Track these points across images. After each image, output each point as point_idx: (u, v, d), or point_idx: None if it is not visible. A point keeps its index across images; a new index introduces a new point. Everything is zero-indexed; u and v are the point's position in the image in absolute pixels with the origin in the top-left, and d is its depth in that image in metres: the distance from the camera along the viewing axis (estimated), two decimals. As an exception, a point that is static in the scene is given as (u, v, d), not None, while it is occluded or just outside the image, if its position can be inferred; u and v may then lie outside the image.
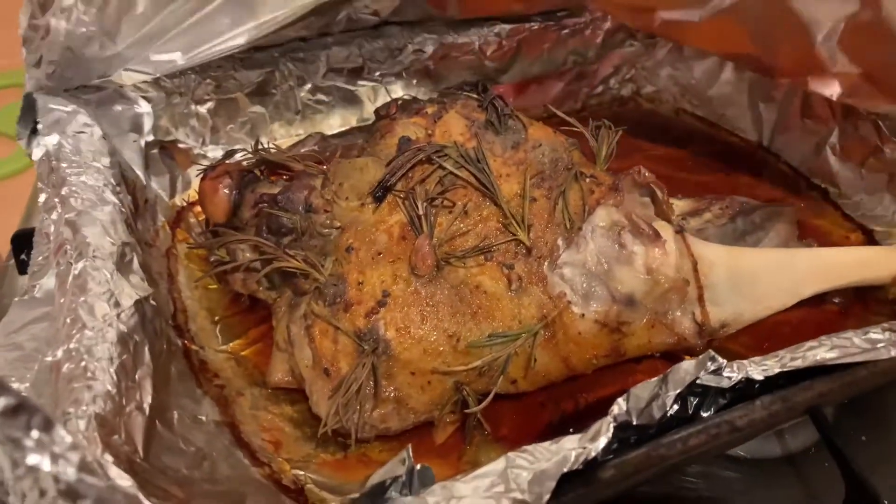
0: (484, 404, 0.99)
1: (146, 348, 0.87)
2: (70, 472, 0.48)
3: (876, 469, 1.16)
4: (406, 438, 1.06)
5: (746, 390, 0.87)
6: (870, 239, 1.37)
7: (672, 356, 1.13)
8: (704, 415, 0.86)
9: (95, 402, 0.71)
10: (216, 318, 1.23)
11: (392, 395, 0.99)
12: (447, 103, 1.16)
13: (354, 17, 1.38)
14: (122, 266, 0.93)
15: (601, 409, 1.08)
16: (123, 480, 0.60)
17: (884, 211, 1.37)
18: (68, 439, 0.48)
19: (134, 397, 0.79)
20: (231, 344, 1.19)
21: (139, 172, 1.27)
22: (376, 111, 1.19)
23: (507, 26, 1.53)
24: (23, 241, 1.16)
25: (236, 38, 1.24)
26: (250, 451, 1.00)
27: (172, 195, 1.38)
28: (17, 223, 1.59)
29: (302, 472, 1.00)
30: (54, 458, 0.48)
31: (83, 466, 0.50)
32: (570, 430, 0.87)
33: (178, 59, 1.25)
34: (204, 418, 0.99)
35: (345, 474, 1.02)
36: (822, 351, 0.88)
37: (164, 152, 1.37)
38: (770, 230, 1.22)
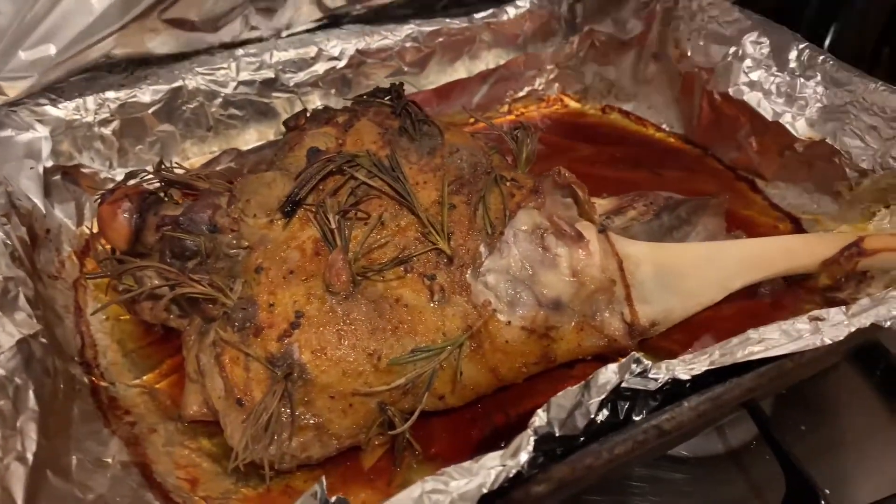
0: (409, 423, 0.94)
1: (30, 392, 0.80)
2: None
3: (816, 458, 1.16)
4: (332, 465, 1.01)
5: (677, 390, 0.84)
6: (798, 227, 1.37)
7: (605, 359, 1.10)
8: (637, 418, 0.83)
9: (-40, 457, 0.64)
10: (129, 350, 1.16)
11: (311, 421, 0.93)
12: (359, 111, 1.11)
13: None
14: (5, 303, 0.86)
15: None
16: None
17: (808, 199, 1.37)
18: None
19: (14, 447, 0.72)
20: (145, 377, 1.12)
21: (37, 201, 1.19)
22: (285, 122, 1.14)
23: (425, 30, 1.49)
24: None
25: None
26: (163, 491, 0.93)
27: (80, 223, 1.30)
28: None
29: (220, 510, 0.94)
30: None
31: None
32: (503, 443, 0.83)
33: (52, 52, 1.17)
34: (110, 460, 0.92)
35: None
36: (749, 345, 0.86)
37: (68, 178, 1.29)
38: (697, 224, 1.20)
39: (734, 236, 1.21)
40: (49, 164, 1.25)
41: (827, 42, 1.77)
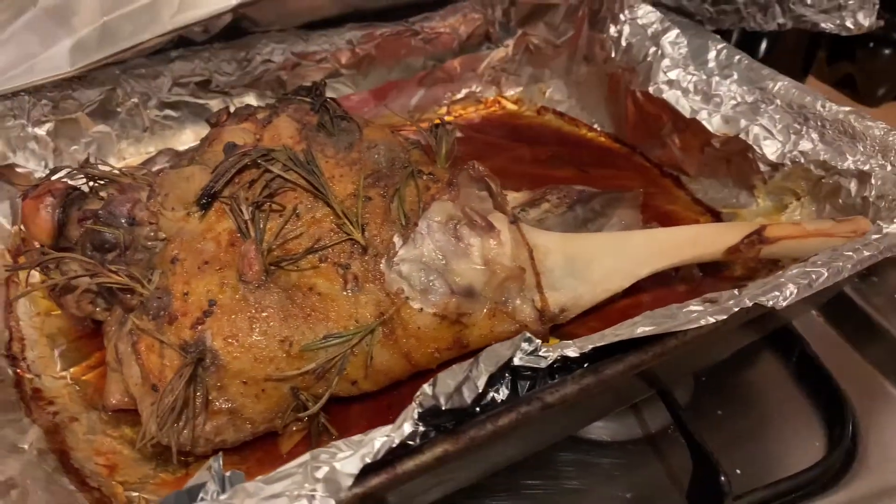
0: (319, 405, 0.98)
1: (-63, 376, 0.82)
2: None
3: (731, 443, 1.21)
4: (251, 450, 1.04)
5: (572, 370, 0.88)
6: (718, 221, 1.42)
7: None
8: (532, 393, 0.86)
9: None
10: (58, 344, 1.18)
11: (225, 406, 0.96)
12: (279, 108, 1.15)
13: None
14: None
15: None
16: None
17: (729, 194, 1.43)
18: None
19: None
20: (72, 369, 1.14)
21: (-32, 199, 1.21)
22: (207, 119, 1.17)
23: (359, 33, 1.53)
24: None
25: (58, 62, 1.19)
26: (79, 476, 0.96)
27: (14, 222, 1.32)
28: None
29: (136, 493, 0.96)
30: None
31: None
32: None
33: None
34: (26, 447, 0.95)
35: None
36: (640, 325, 0.90)
37: (2, 178, 1.31)
38: (612, 216, 1.25)
39: (649, 228, 1.25)
40: (-19, 164, 1.27)
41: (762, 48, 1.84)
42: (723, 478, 1.03)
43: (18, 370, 1.09)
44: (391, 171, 1.11)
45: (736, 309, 0.90)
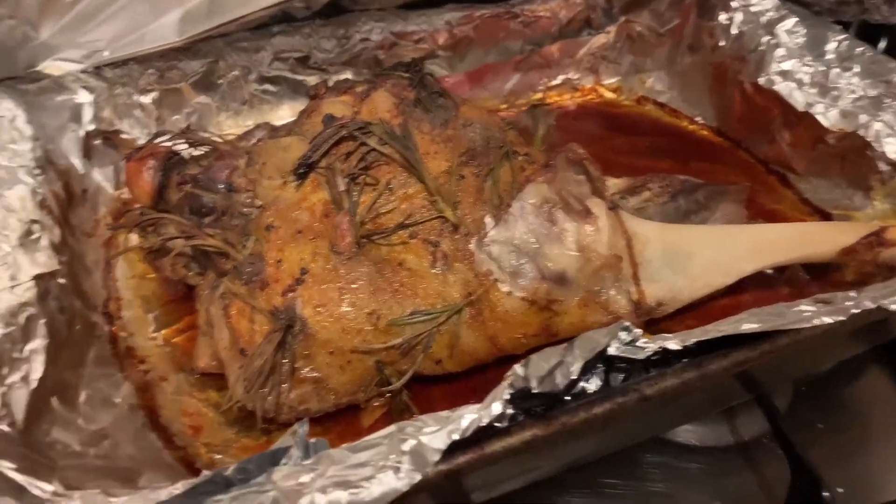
0: (403, 381, 0.97)
1: (42, 322, 0.85)
2: None
3: (831, 458, 1.13)
4: (333, 422, 1.03)
5: (671, 363, 0.84)
6: (828, 222, 1.33)
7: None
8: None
9: (-33, 369, 0.69)
10: (152, 306, 1.21)
11: (310, 374, 0.96)
12: (377, 82, 1.14)
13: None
14: (27, 243, 0.92)
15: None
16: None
17: (841, 195, 1.33)
18: None
19: (20, 369, 0.77)
20: (163, 331, 1.16)
21: (76, 161, 1.26)
22: (307, 91, 1.18)
23: (458, 14, 1.51)
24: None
25: (167, 32, 1.22)
26: (167, 434, 0.98)
27: (118, 186, 1.36)
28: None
29: (219, 456, 0.97)
30: None
31: None
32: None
33: (104, 47, 1.24)
34: (118, 401, 0.97)
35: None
36: (745, 322, 0.85)
37: (108, 143, 1.36)
38: (716, 210, 1.18)
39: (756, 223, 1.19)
40: (91, 128, 1.31)
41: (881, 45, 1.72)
42: (826, 493, 0.97)
43: (114, 328, 1.12)
44: (486, 151, 1.09)
45: (856, 310, 0.84)
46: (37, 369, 0.80)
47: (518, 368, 0.74)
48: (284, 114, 1.48)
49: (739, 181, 1.41)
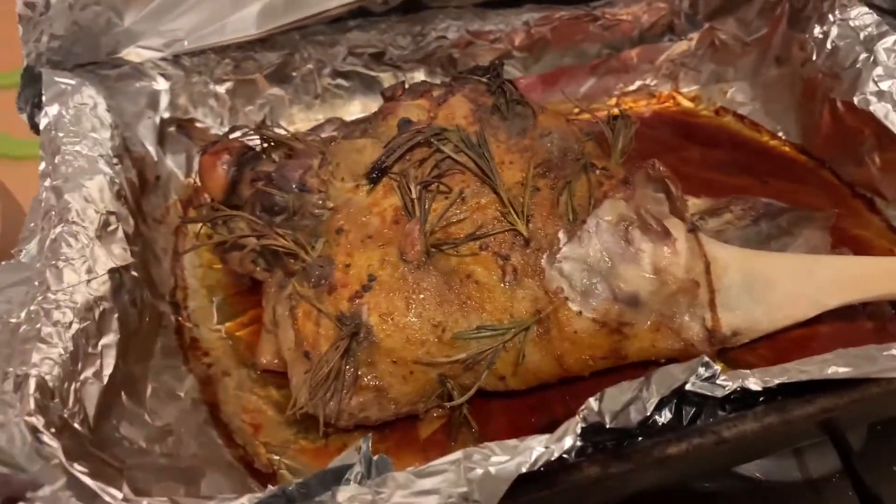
0: (466, 397, 0.95)
1: (115, 317, 0.86)
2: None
3: (903, 502, 1.07)
4: (391, 430, 1.02)
5: (749, 403, 0.80)
6: (916, 254, 1.26)
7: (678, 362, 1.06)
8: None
9: (42, 364, 0.70)
10: (216, 297, 1.22)
11: (372, 383, 0.95)
12: (455, 86, 1.11)
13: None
14: (104, 234, 0.92)
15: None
16: (47, 444, 0.58)
17: (933, 225, 1.26)
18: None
19: (93, 364, 0.78)
20: (227, 323, 1.17)
21: (151, 148, 1.27)
22: (382, 92, 1.16)
23: (537, 14, 1.48)
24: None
25: (246, 24, 1.22)
26: (227, 431, 0.98)
27: (188, 174, 1.38)
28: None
29: (277, 457, 0.97)
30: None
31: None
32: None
33: (184, 36, 1.25)
34: (182, 394, 0.98)
35: (322, 463, 0.98)
36: (833, 364, 0.80)
37: (182, 130, 1.37)
38: (799, 236, 1.13)
39: (840, 253, 1.13)
40: (166, 115, 1.33)
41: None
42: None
43: (179, 318, 1.13)
44: (563, 162, 1.06)
45: (956, 361, 0.78)
46: (108, 364, 0.81)
47: (592, 402, 0.72)
48: (356, 109, 1.47)
49: (823, 203, 1.35)
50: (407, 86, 1.15)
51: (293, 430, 1.02)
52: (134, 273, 0.95)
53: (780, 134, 1.53)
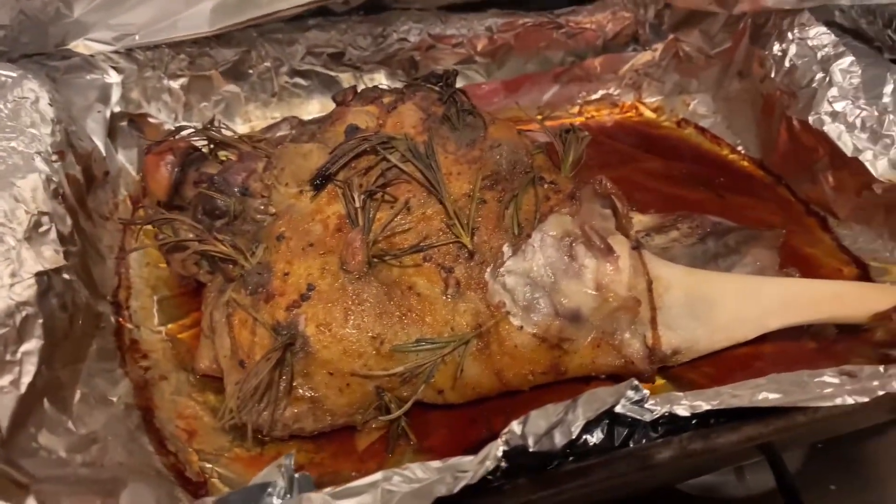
0: (402, 411, 0.94)
1: (39, 322, 0.83)
2: None
3: (840, 522, 1.08)
4: (328, 441, 1.01)
5: (680, 425, 0.80)
6: (864, 274, 1.27)
7: (620, 380, 1.06)
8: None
9: (-47, 373, 0.68)
10: (160, 297, 1.20)
11: (307, 394, 0.94)
12: (406, 94, 1.10)
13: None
14: (34, 236, 0.90)
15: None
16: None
17: (882, 246, 1.28)
18: None
19: (11, 372, 0.76)
20: (169, 325, 1.16)
21: (99, 143, 1.24)
22: (333, 97, 1.15)
23: (500, 20, 1.47)
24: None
25: (199, 21, 1.20)
26: (159, 437, 0.96)
27: (140, 170, 1.35)
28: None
29: (210, 465, 0.96)
30: None
31: None
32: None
33: (135, 31, 1.22)
34: (115, 399, 0.96)
35: (255, 472, 0.96)
36: (763, 390, 0.80)
37: (133, 125, 1.35)
38: (746, 255, 1.13)
39: (786, 273, 1.13)
40: (117, 109, 1.30)
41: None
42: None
43: (121, 318, 1.11)
44: (511, 175, 1.05)
45: (881, 392, 0.79)
46: (28, 372, 0.79)
47: (515, 426, 0.71)
48: (314, 109, 1.46)
49: (778, 220, 1.36)
50: (358, 90, 1.14)
51: (229, 437, 1.00)
52: (66, 276, 0.93)
53: (739, 148, 1.54)
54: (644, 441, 0.79)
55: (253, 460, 0.99)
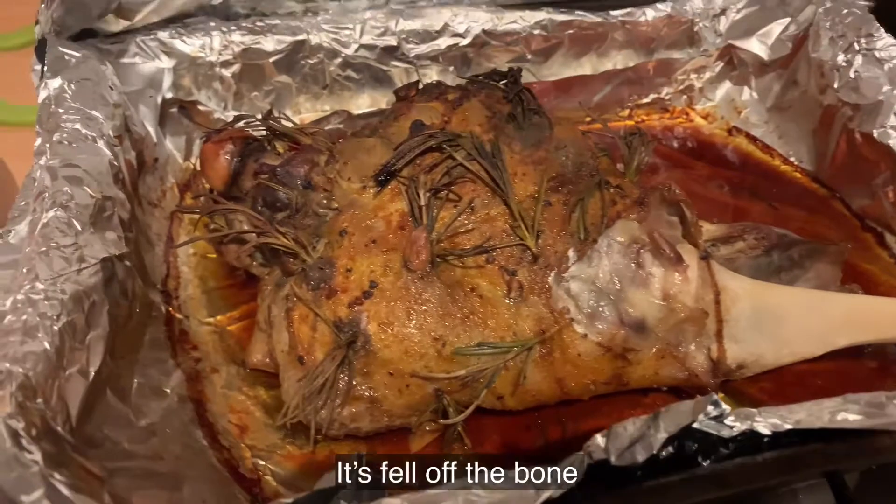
0: (463, 417, 0.92)
1: (105, 310, 0.82)
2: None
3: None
4: (380, 442, 0.99)
5: (753, 442, 0.77)
6: (924, 293, 1.24)
7: (679, 392, 1.04)
8: (705, 464, 0.77)
9: (25, 360, 0.66)
10: (209, 288, 1.18)
11: (366, 393, 0.92)
12: (471, 91, 1.08)
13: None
14: (99, 220, 0.88)
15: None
16: (28, 451, 0.55)
17: (944, 264, 1.24)
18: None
19: (78, 360, 0.74)
20: (218, 317, 1.14)
21: (151, 129, 1.23)
22: (395, 91, 1.12)
23: (556, 19, 1.44)
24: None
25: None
26: (212, 432, 0.95)
27: (187, 157, 1.34)
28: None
29: (263, 462, 0.94)
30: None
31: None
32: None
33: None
34: (168, 391, 0.94)
35: (308, 471, 0.96)
36: (843, 412, 0.78)
37: (183, 112, 1.33)
38: (809, 269, 1.10)
39: (848, 290, 1.10)
40: (168, 95, 1.28)
41: None
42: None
43: (170, 308, 1.10)
44: (576, 178, 1.02)
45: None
46: (95, 361, 0.77)
47: (599, 439, 0.69)
48: (363, 102, 1.43)
49: (833, 234, 1.33)
50: (420, 85, 1.12)
51: (280, 434, 0.99)
52: (127, 263, 0.91)
53: (792, 159, 1.50)
54: (713, 457, 0.77)
55: (305, 458, 0.97)
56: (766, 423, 0.76)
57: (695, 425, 0.75)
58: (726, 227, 1.08)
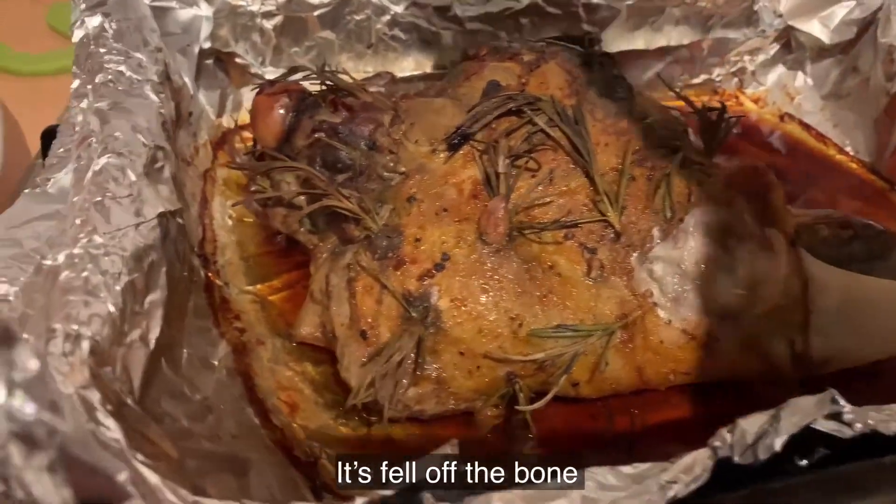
0: (538, 405, 0.85)
1: (163, 271, 0.73)
2: (28, 410, 0.35)
3: None
4: (440, 425, 0.92)
5: (857, 443, 0.71)
6: None
7: (753, 385, 0.97)
8: (801, 463, 0.70)
9: (91, 322, 0.57)
10: (247, 254, 1.10)
11: (434, 374, 0.85)
12: (547, 53, 1.00)
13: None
14: (152, 172, 0.79)
15: (659, 434, 0.93)
16: (106, 427, 0.47)
17: None
18: (32, 365, 0.34)
19: (140, 325, 0.66)
20: (258, 286, 1.06)
21: (187, 80, 1.13)
22: (464, 51, 1.04)
23: (611, -9, 1.36)
24: (53, 137, 1.04)
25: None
26: (262, 409, 0.87)
27: (220, 114, 1.25)
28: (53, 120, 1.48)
29: (318, 445, 0.86)
30: (11, 386, 0.34)
31: (50, 403, 0.36)
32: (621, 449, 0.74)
33: None
34: (216, 363, 0.87)
35: (364, 453, 0.88)
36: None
37: (219, 64, 1.24)
38: (889, 261, 1.04)
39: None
40: (206, 45, 1.19)
41: None
42: None
43: (210, 273, 1.01)
44: (662, 152, 0.95)
45: None
46: (155, 327, 0.69)
47: (725, 434, 0.62)
48: (408, 65, 1.35)
49: (892, 227, 1.27)
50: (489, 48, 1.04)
51: (332, 413, 0.91)
52: (179, 220, 0.82)
53: (847, 149, 1.44)
54: (812, 455, 0.71)
55: (361, 441, 0.90)
56: (890, 421, 0.70)
57: (816, 426, 0.69)
58: (812, 213, 1.02)
